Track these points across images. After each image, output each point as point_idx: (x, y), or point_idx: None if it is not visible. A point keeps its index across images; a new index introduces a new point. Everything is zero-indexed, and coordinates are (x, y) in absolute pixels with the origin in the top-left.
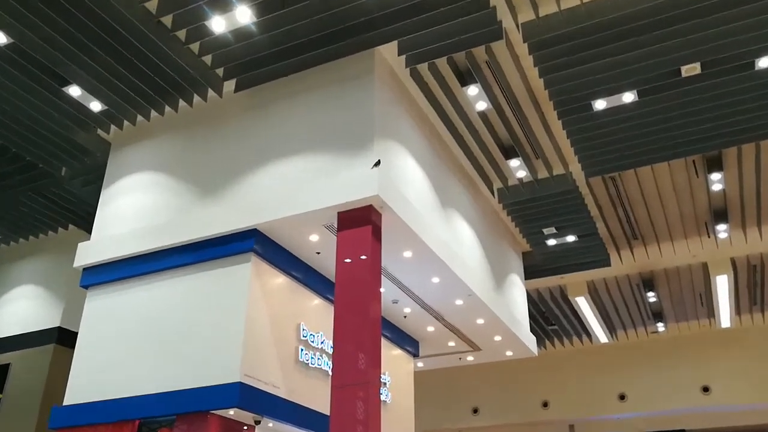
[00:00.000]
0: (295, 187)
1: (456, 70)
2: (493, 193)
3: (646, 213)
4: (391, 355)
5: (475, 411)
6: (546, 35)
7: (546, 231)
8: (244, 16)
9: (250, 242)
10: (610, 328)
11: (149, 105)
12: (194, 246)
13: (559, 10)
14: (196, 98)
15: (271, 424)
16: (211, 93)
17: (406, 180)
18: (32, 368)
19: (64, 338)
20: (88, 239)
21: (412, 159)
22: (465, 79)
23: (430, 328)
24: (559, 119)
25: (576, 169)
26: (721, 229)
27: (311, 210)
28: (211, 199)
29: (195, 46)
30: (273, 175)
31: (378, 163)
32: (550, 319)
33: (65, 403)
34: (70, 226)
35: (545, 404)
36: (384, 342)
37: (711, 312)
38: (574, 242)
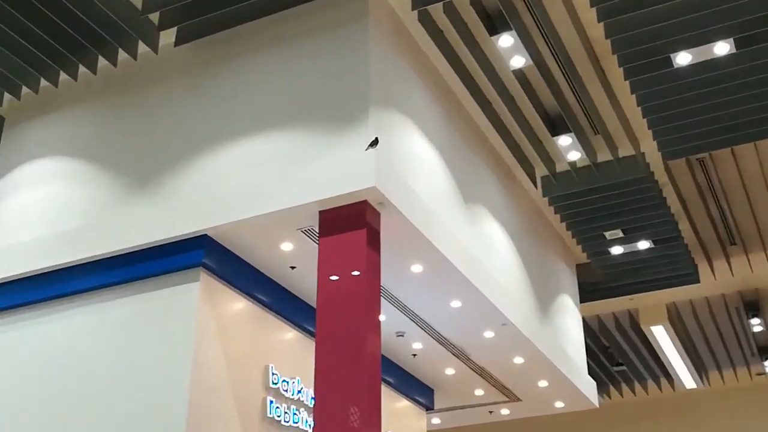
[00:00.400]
0: (260, 177)
1: (483, 13)
2: (535, 184)
3: (749, 209)
4: (395, 408)
5: None
6: None
7: (609, 235)
8: None
9: (198, 254)
10: (699, 368)
11: (56, 65)
12: (120, 260)
13: None
14: (122, 55)
15: None
16: (142, 48)
17: (414, 166)
18: None
19: None
20: None
21: (423, 137)
22: (495, 26)
23: (450, 371)
24: (626, 80)
25: (650, 148)
26: None
27: (283, 208)
28: (143, 194)
29: None
30: (230, 161)
31: (375, 143)
32: (616, 356)
33: None
34: None
35: None
36: (385, 390)
37: None
38: (648, 250)
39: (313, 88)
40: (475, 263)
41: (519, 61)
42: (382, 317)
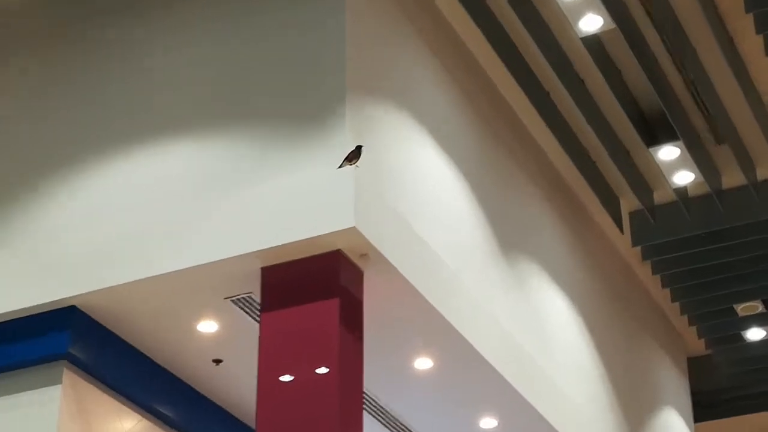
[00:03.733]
0: (164, 214)
1: None
2: (619, 224)
3: None
4: None
5: None
6: None
7: (741, 309)
8: None
9: (61, 339)
10: None
11: None
12: None
13: None
14: None
15: None
16: None
17: (418, 193)
18: None
19: None
20: None
21: (433, 145)
22: None
23: None
24: None
25: None
26: None
27: (200, 264)
28: None
29: None
30: (112, 189)
31: (355, 156)
32: None
33: None
34: None
35: None
36: None
37: None
38: None
39: (254, 70)
40: (521, 356)
41: (594, 22)
42: None
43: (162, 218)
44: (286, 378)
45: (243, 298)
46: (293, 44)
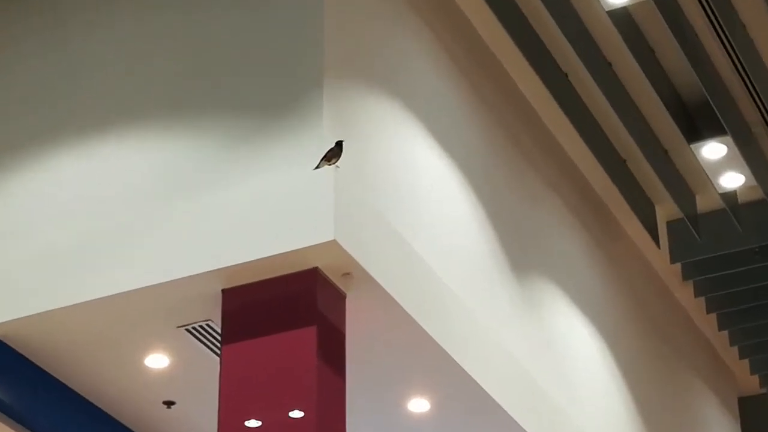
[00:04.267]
0: (104, 226)
1: None
2: (655, 238)
3: None
4: None
5: None
6: None
7: None
8: None
9: None
10: None
11: None
12: None
13: None
14: None
15: None
16: None
17: (412, 200)
18: None
19: None
20: None
21: (430, 143)
22: None
23: None
24: None
25: None
26: None
27: (146, 285)
28: None
29: None
30: (43, 194)
31: (335, 153)
32: None
33: None
34: None
35: None
36: None
37: None
38: None
39: (216, 53)
40: (538, 395)
41: None
42: None
43: (102, 230)
44: (253, 423)
45: (200, 326)
46: (261, 21)
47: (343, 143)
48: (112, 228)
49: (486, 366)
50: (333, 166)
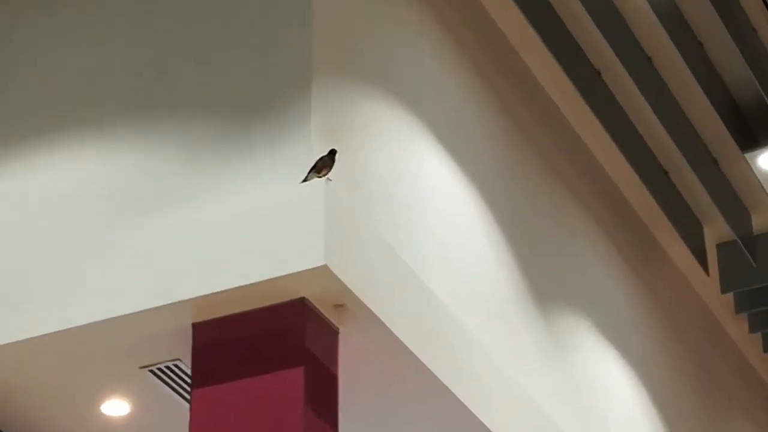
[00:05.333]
0: (54, 247)
1: None
2: (704, 264)
3: None
4: None
5: None
6: None
7: None
8: None
9: None
10: None
11: None
12: None
13: None
14: None
15: None
16: None
17: (416, 217)
18: None
19: None
20: None
21: (436, 148)
22: None
23: None
24: None
25: None
26: None
27: (104, 319)
28: None
29: None
30: None
31: (326, 163)
32: None
33: None
34: None
35: None
36: None
37: None
38: None
39: (185, 49)
40: None
41: None
42: None
43: (49, 255)
44: None
45: (166, 366)
46: (235, 8)
47: (336, 153)
48: (61, 253)
49: (503, 414)
50: (323, 178)
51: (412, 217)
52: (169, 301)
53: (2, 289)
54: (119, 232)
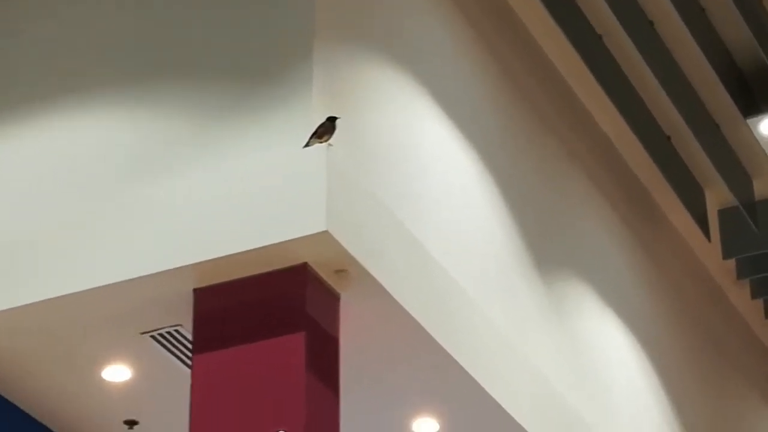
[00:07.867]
0: (55, 214)
1: None
2: (705, 229)
3: None
4: None
5: None
6: None
7: None
8: None
9: None
10: None
11: None
12: None
13: None
14: None
15: None
16: None
17: (419, 183)
18: None
19: None
20: None
21: (439, 114)
22: None
23: None
24: None
25: None
26: None
27: (104, 284)
28: None
29: None
30: None
31: (327, 130)
32: None
33: None
34: None
35: None
36: None
37: None
38: None
39: (186, 13)
40: (567, 414)
41: None
42: None
43: (50, 221)
44: None
45: (167, 332)
46: None
47: (337, 119)
48: (63, 219)
49: (506, 381)
50: (325, 144)
51: (413, 183)
52: (171, 267)
53: (3, 255)
54: (120, 198)
